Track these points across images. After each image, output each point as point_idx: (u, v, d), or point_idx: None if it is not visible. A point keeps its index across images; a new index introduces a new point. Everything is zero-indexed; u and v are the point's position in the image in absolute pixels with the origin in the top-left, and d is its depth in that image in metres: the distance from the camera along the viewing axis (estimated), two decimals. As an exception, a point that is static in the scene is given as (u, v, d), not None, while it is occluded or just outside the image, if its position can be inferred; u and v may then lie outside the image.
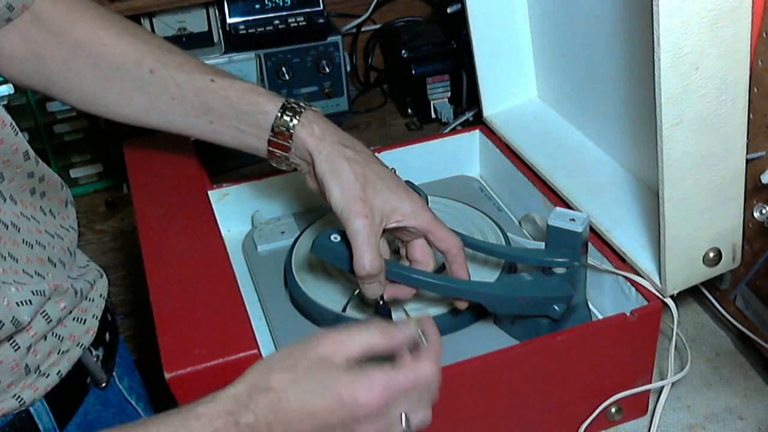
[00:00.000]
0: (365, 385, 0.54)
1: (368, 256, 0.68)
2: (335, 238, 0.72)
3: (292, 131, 0.72)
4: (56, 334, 0.70)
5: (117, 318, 0.85)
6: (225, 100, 0.74)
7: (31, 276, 0.66)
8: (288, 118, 0.72)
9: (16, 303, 0.63)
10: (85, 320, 0.74)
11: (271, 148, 0.74)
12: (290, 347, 0.57)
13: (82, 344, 0.73)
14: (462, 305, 0.75)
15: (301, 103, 0.73)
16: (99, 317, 0.76)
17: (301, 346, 0.57)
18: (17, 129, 0.67)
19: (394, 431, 0.56)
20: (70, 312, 0.71)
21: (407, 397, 0.56)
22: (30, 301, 0.64)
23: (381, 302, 0.73)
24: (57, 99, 0.78)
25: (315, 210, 0.93)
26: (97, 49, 0.74)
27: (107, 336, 0.78)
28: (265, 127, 0.73)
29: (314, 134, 0.72)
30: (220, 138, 0.76)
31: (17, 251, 0.66)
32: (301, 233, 0.90)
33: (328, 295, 0.81)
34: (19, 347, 0.65)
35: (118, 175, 1.22)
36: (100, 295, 0.77)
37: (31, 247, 0.68)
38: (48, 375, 0.69)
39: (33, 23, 0.73)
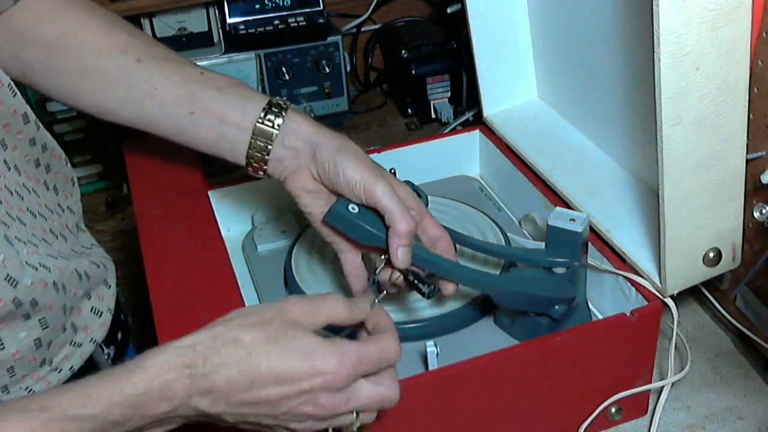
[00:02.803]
0: (338, 356, 0.54)
1: (407, 212, 0.68)
2: (353, 208, 0.70)
3: (284, 115, 0.71)
4: (73, 324, 0.69)
5: (129, 319, 0.85)
6: (213, 88, 0.73)
7: (40, 241, 0.66)
8: (276, 110, 0.72)
9: (27, 263, 0.62)
10: (101, 313, 0.73)
11: (253, 138, 0.72)
12: (259, 306, 0.58)
13: (94, 340, 0.72)
14: (449, 290, 0.73)
15: (286, 102, 0.73)
16: (112, 310, 0.75)
17: (271, 307, 0.57)
18: (16, 90, 0.66)
19: (349, 405, 0.56)
20: (87, 295, 0.71)
21: (370, 374, 0.57)
22: (41, 264, 0.63)
23: (411, 276, 0.70)
24: (32, 86, 0.76)
25: (315, 210, 0.93)
26: (83, 37, 0.74)
27: (119, 335, 0.78)
28: (252, 115, 0.72)
29: (308, 120, 0.72)
30: (197, 132, 0.74)
31: (24, 216, 0.65)
32: (301, 233, 0.90)
33: (328, 295, 0.81)
34: (31, 335, 0.65)
35: (118, 175, 1.22)
36: (108, 286, 0.77)
37: (35, 217, 0.67)
38: (60, 370, 0.69)
39: (18, 9, 0.72)
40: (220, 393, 0.53)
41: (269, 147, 0.72)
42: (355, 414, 0.57)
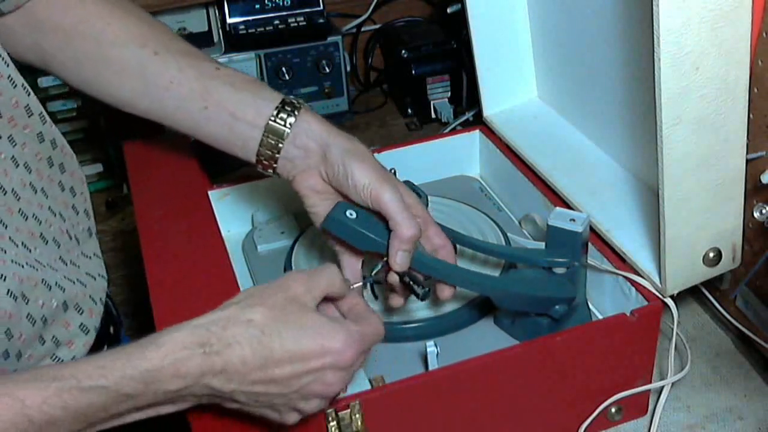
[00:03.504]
0: (344, 335, 0.57)
1: (412, 219, 0.69)
2: (351, 214, 0.70)
3: (296, 114, 0.72)
4: (55, 338, 0.68)
5: (121, 332, 0.82)
6: (227, 84, 0.74)
7: (17, 246, 0.64)
8: (289, 108, 0.72)
9: None
10: (88, 330, 0.71)
11: (265, 136, 0.72)
12: (264, 286, 0.59)
13: (75, 358, 0.70)
14: (446, 294, 0.73)
15: (299, 101, 0.74)
16: (98, 328, 0.72)
17: (273, 285, 0.59)
18: (16, 82, 0.66)
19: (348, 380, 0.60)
20: (77, 308, 0.69)
21: (368, 351, 0.61)
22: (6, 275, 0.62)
23: (407, 278, 0.71)
24: (52, 74, 0.78)
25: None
26: (101, 27, 0.74)
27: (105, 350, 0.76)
28: (264, 113, 0.72)
29: (320, 120, 0.72)
30: (210, 128, 0.74)
31: (9, 218, 0.64)
32: (301, 233, 0.90)
33: (328, 295, 0.81)
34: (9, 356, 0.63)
35: (118, 175, 1.22)
36: (95, 302, 0.73)
37: (26, 219, 0.66)
38: None
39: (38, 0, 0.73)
40: (234, 372, 0.54)
41: (280, 145, 0.72)
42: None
